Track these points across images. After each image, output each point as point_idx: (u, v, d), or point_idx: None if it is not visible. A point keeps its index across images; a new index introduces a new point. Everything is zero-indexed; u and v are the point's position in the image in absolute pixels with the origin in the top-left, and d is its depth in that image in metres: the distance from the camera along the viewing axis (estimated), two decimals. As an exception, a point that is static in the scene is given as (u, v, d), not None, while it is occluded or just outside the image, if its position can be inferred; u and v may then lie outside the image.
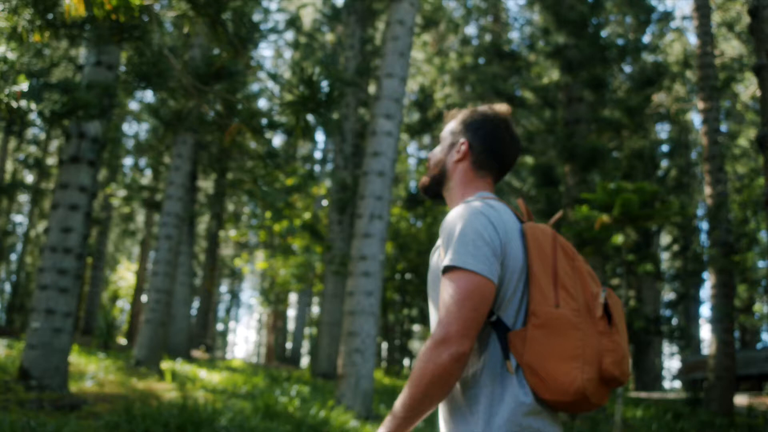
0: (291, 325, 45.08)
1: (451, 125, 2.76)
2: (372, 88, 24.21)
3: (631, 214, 9.95)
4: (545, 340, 2.19)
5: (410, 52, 13.47)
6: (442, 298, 2.22)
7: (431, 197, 2.80)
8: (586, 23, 15.95)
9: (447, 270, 2.24)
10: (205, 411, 9.20)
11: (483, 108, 2.73)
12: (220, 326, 58.07)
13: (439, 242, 2.43)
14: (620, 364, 2.23)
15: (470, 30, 32.53)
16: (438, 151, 2.76)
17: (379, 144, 12.75)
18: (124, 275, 41.34)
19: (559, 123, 17.57)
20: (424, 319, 28.08)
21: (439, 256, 2.40)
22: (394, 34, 13.13)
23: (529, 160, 21.23)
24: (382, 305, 22.60)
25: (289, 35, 27.15)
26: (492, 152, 2.64)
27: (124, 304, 43.32)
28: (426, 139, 32.92)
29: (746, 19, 23.08)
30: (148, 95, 24.04)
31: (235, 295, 59.30)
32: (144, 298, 28.80)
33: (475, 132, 2.66)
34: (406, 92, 15.80)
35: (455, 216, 2.35)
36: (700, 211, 28.92)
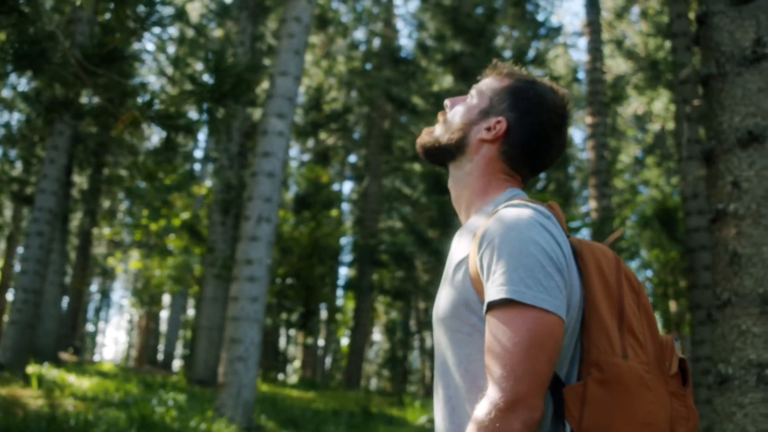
0: (163, 327, 43.91)
1: (495, 84, 2.06)
2: (259, 88, 23.69)
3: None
4: (610, 402, 1.63)
5: (305, 51, 13.09)
6: (495, 345, 1.63)
7: (430, 162, 2.15)
8: (482, 32, 15.88)
9: (502, 304, 1.65)
10: (76, 422, 8.60)
11: (545, 84, 2.04)
12: (89, 327, 56.18)
13: (459, 258, 1.85)
14: None
15: (359, 34, 32.41)
16: (462, 111, 2.06)
17: (270, 144, 12.28)
18: (-12, 272, 39.44)
19: (451, 131, 17.42)
20: (304, 325, 27.69)
21: (467, 278, 1.79)
22: (289, 31, 12.70)
23: (417, 167, 21.11)
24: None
25: (173, 30, 26.31)
26: (529, 150, 1.99)
27: (-14, 301, 41.34)
28: (310, 142, 32.49)
29: (633, 39, 23.61)
30: (23, 83, 22.88)
31: (105, 294, 57.51)
32: (9, 296, 27.41)
33: (522, 115, 1.98)
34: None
35: (505, 226, 1.73)
36: (575, 224, 29.50)
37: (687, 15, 14.90)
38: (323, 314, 33.98)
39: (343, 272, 34.49)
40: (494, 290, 1.67)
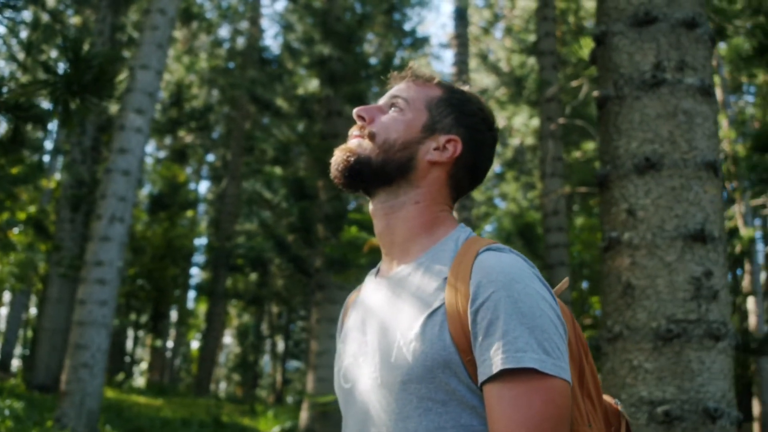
0: (2, 326, 41.86)
1: (424, 93, 1.72)
2: (117, 80, 22.81)
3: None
4: None
5: (169, 45, 12.56)
6: (518, 423, 1.36)
7: (348, 187, 1.71)
8: (351, 37, 15.66)
9: (519, 373, 1.39)
10: None
11: (473, 93, 1.76)
12: None
13: (428, 309, 1.51)
14: None
15: (223, 31, 31.71)
16: (399, 126, 1.68)
17: (128, 140, 11.69)
18: None
19: (316, 136, 17.16)
20: (153, 327, 26.88)
21: (445, 334, 1.47)
22: (153, 23, 12.13)
23: (278, 170, 20.73)
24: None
25: (27, 14, 25.00)
26: (475, 172, 1.73)
27: None
28: (168, 139, 31.53)
29: (498, 54, 23.95)
30: None
31: (-61, 289, 54.48)
32: None
33: (471, 132, 1.69)
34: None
35: (506, 278, 1.44)
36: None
37: (554, 34, 15.13)
38: (173, 316, 33.16)
39: (195, 272, 33.75)
40: (510, 356, 1.40)
